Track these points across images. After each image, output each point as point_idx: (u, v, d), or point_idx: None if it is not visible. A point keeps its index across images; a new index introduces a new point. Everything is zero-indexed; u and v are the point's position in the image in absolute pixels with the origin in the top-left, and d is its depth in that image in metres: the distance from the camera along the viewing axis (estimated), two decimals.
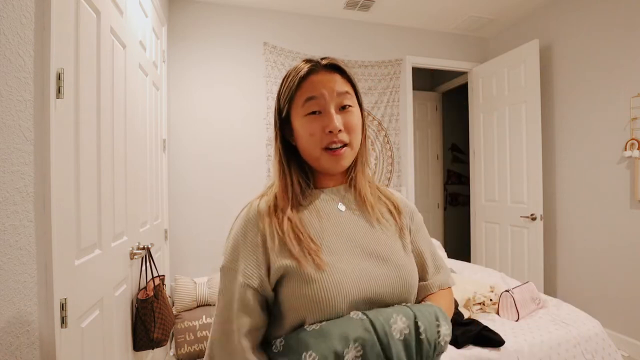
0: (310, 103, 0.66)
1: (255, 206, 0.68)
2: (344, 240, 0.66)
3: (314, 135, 0.65)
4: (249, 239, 0.64)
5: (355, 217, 0.70)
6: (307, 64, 0.68)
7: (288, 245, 0.61)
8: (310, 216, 0.67)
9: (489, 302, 1.78)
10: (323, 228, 0.66)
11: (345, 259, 0.63)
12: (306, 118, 0.66)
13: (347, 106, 0.67)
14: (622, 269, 2.36)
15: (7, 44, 0.78)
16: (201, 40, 2.75)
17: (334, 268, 0.60)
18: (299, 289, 0.59)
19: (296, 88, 0.67)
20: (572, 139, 2.70)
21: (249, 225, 0.66)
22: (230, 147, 2.81)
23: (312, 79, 0.67)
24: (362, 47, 3.16)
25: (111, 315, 1.32)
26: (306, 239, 0.62)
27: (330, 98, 0.66)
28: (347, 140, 0.66)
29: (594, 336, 1.57)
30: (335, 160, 0.66)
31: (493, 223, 3.20)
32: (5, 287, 0.76)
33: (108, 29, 1.31)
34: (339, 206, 0.70)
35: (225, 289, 0.63)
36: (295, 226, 0.64)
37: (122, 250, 1.45)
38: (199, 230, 2.71)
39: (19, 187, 0.82)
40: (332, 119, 0.64)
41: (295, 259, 0.60)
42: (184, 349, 2.19)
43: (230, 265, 0.64)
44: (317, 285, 0.58)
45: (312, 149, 0.66)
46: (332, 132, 0.64)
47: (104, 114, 1.28)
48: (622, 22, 2.34)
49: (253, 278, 0.61)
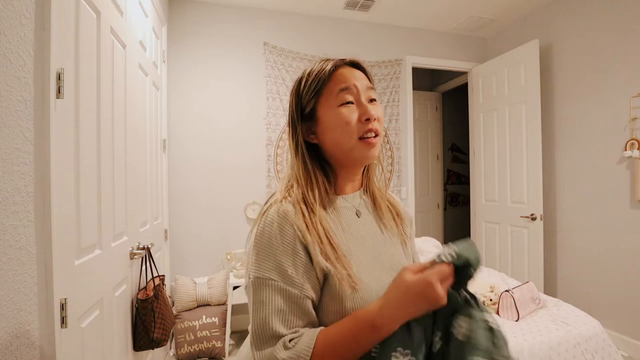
0: (344, 93, 0.66)
1: (284, 206, 0.62)
2: (366, 253, 0.67)
3: (350, 124, 0.65)
4: (287, 239, 0.59)
5: (371, 226, 0.72)
6: (331, 61, 0.69)
7: (325, 249, 0.60)
8: (335, 225, 0.66)
9: (489, 302, 1.78)
10: (348, 239, 0.66)
11: (370, 274, 0.64)
12: (341, 108, 0.66)
13: (374, 100, 0.69)
14: (622, 269, 2.35)
15: (7, 44, 0.78)
16: (201, 40, 2.75)
17: (365, 286, 0.61)
18: (333, 305, 0.60)
19: (327, 80, 0.67)
20: (572, 139, 2.70)
21: (284, 224, 0.60)
22: (231, 147, 2.81)
23: (341, 71, 0.68)
24: (362, 47, 3.16)
25: (111, 315, 1.32)
26: (340, 249, 0.62)
27: (362, 90, 0.67)
28: (380, 131, 0.68)
29: (594, 336, 1.57)
30: (369, 149, 0.66)
31: (493, 223, 3.20)
32: (5, 287, 0.76)
33: (108, 29, 1.31)
34: (356, 214, 0.71)
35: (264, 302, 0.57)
36: (328, 232, 0.62)
37: (122, 250, 1.45)
38: (199, 230, 2.71)
39: (19, 187, 0.82)
40: (367, 107, 0.66)
41: (333, 266, 0.60)
42: (184, 349, 2.19)
43: (270, 276, 0.58)
44: (350, 304, 0.59)
45: (348, 139, 0.65)
46: (370, 119, 0.65)
47: (104, 114, 1.28)
48: (622, 22, 2.34)
49: (309, 288, 0.59)
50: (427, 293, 0.52)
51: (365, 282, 0.62)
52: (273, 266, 0.58)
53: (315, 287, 0.60)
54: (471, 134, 3.47)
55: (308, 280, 0.59)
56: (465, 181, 4.46)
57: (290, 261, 0.59)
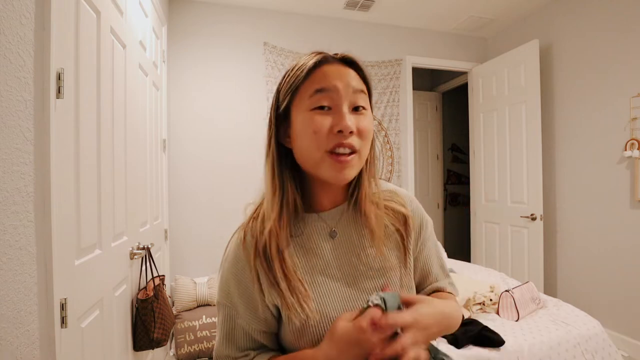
0: (319, 95, 0.55)
1: (245, 240, 0.60)
2: (331, 277, 0.60)
3: (318, 134, 0.54)
4: (242, 279, 0.60)
5: (348, 249, 0.62)
6: (318, 55, 0.59)
7: (274, 281, 0.57)
8: (297, 249, 0.61)
9: (488, 302, 1.78)
10: (310, 265, 0.61)
11: (334, 300, 0.59)
12: (312, 112, 0.55)
13: (361, 107, 0.57)
14: (622, 269, 2.35)
15: (7, 44, 0.78)
16: (201, 40, 2.75)
17: (322, 316, 0.58)
18: (289, 335, 0.59)
19: (304, 77, 0.56)
20: (572, 139, 2.70)
21: (239, 261, 0.60)
22: (231, 147, 2.81)
23: (325, 69, 0.57)
24: (362, 47, 3.16)
25: (111, 315, 1.32)
26: (295, 280, 0.58)
27: (345, 93, 0.55)
28: (358, 146, 0.55)
29: (594, 336, 1.57)
30: (338, 169, 0.54)
31: (493, 223, 3.20)
32: (5, 287, 0.76)
33: (108, 29, 1.31)
34: (330, 235, 0.62)
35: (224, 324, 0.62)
36: (284, 262, 0.58)
37: (122, 250, 1.45)
38: (199, 230, 2.71)
39: (19, 187, 0.82)
40: (343, 116, 0.54)
41: (284, 301, 0.57)
42: (184, 349, 2.19)
43: (225, 302, 0.61)
44: (306, 339, 0.58)
45: (314, 150, 0.55)
46: (343, 132, 0.53)
47: (104, 114, 1.28)
48: (622, 22, 2.34)
49: (255, 322, 0.60)
50: (359, 338, 0.49)
51: (322, 311, 0.58)
52: (226, 295, 0.61)
53: (267, 319, 0.60)
54: (471, 134, 3.47)
55: (255, 315, 0.60)
56: (465, 181, 4.46)
57: (239, 295, 0.60)
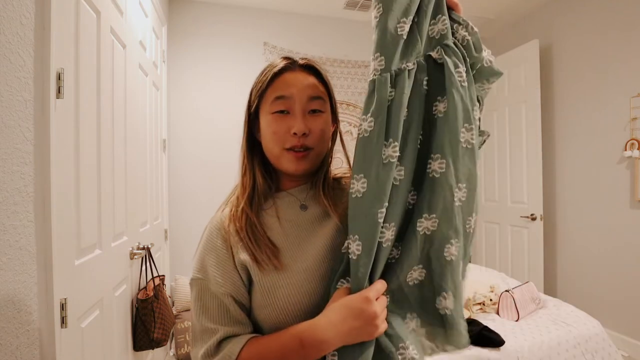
0: (278, 102, 0.63)
1: (218, 215, 0.67)
2: (301, 239, 0.64)
3: (277, 134, 0.63)
4: (215, 246, 0.63)
5: (320, 219, 0.67)
6: (284, 61, 0.66)
7: (245, 241, 0.61)
8: (271, 219, 0.66)
9: (488, 302, 1.78)
10: (285, 232, 0.64)
11: (304, 258, 0.62)
12: (272, 116, 0.64)
13: (317, 111, 0.65)
14: (622, 269, 2.35)
15: (7, 44, 0.78)
16: (201, 40, 2.75)
17: (293, 272, 0.60)
18: (264, 298, 0.59)
19: (268, 84, 0.65)
20: (572, 139, 2.70)
21: (213, 233, 0.64)
22: (230, 147, 2.80)
23: (286, 77, 0.65)
24: (362, 47, 3.16)
25: (111, 315, 1.32)
26: (264, 238, 0.62)
27: (300, 100, 0.63)
28: (312, 145, 0.64)
29: (594, 336, 1.57)
30: (295, 161, 0.63)
31: (493, 223, 3.20)
32: (5, 287, 0.76)
33: (108, 29, 1.31)
34: (301, 207, 0.68)
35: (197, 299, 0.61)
36: (254, 224, 0.62)
37: (122, 250, 1.45)
38: (199, 230, 2.66)
39: (19, 187, 0.82)
40: (297, 120, 0.62)
41: (253, 257, 0.59)
42: (184, 349, 2.19)
43: (199, 276, 0.62)
44: (281, 291, 0.58)
45: (274, 147, 0.64)
46: (296, 134, 0.62)
47: (104, 114, 1.28)
48: (622, 22, 2.34)
49: (226, 285, 0.60)
50: (362, 308, 0.51)
51: (294, 267, 0.60)
52: (200, 268, 0.62)
53: (235, 282, 0.60)
54: None
55: (225, 274, 0.60)
56: None
57: (213, 262, 0.61)
